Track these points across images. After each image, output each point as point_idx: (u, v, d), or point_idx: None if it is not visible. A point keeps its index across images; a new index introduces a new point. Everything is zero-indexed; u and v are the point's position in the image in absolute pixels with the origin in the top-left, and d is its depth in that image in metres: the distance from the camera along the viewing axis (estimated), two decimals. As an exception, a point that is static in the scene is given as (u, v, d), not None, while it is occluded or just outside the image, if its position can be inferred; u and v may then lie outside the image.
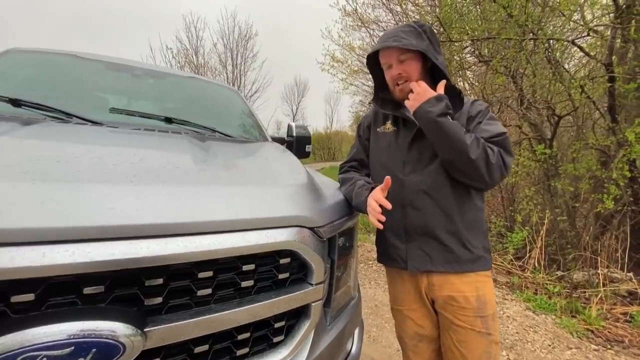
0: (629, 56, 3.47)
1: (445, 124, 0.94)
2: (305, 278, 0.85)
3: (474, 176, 0.96)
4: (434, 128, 0.95)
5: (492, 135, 0.97)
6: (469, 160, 0.92)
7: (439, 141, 0.97)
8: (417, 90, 0.98)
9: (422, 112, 0.96)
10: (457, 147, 0.93)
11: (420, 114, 0.97)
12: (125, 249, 0.58)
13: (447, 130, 0.93)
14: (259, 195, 0.82)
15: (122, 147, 0.94)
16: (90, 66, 1.84)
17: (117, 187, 0.65)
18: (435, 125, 0.94)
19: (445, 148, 0.96)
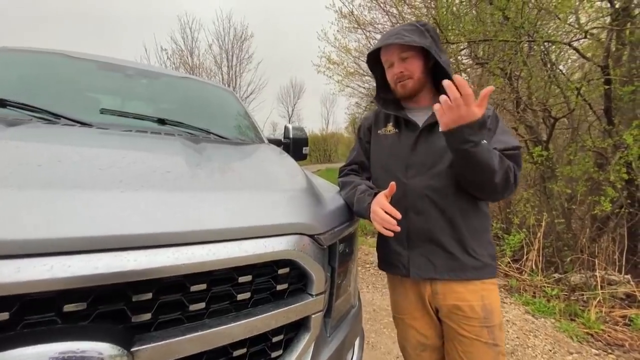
0: (624, 59, 3.49)
1: (481, 153, 0.83)
2: (304, 288, 0.80)
3: (488, 193, 0.94)
4: (468, 156, 0.84)
5: (508, 147, 0.93)
6: (491, 183, 0.88)
7: (467, 167, 0.87)
8: (457, 103, 0.78)
9: (459, 137, 0.82)
10: (485, 173, 0.86)
11: (456, 137, 0.83)
12: (110, 262, 0.53)
13: (480, 159, 0.84)
14: (256, 201, 0.77)
15: (110, 150, 0.88)
16: (81, 66, 1.78)
17: (102, 193, 0.60)
18: (470, 154, 0.84)
19: (473, 173, 0.88)
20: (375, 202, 0.93)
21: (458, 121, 0.80)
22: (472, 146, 0.82)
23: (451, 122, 0.81)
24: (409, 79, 1.02)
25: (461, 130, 0.81)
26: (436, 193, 0.97)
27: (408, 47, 0.99)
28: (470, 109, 0.78)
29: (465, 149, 0.83)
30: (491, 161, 0.85)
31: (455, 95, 0.76)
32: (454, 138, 0.83)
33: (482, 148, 0.83)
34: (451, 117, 0.80)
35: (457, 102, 0.77)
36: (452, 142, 0.85)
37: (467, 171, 0.89)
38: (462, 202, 0.98)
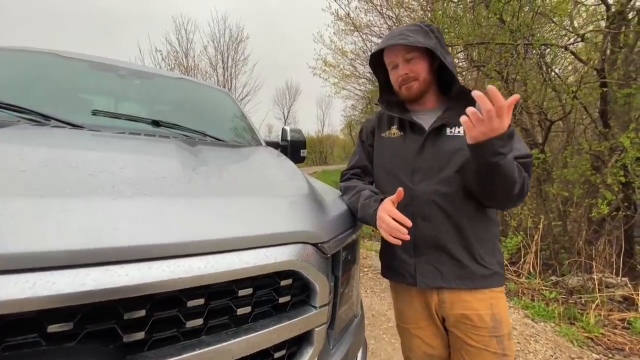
0: (618, 62, 3.52)
1: (508, 165, 0.80)
2: (308, 300, 0.76)
3: (501, 202, 0.92)
4: (496, 169, 0.80)
5: (522, 155, 0.90)
6: (510, 194, 0.85)
7: (492, 179, 0.83)
8: (489, 115, 0.72)
9: (489, 150, 0.77)
10: (507, 185, 0.83)
11: (486, 150, 0.77)
12: (100, 278, 0.48)
13: (507, 171, 0.80)
14: (256, 208, 0.73)
15: (101, 153, 0.84)
16: (73, 66, 1.73)
17: (91, 201, 0.55)
18: (499, 167, 0.79)
19: (495, 184, 0.84)
20: (382, 209, 0.89)
21: (488, 134, 0.75)
22: (502, 159, 0.78)
23: (481, 135, 0.76)
24: (414, 80, 0.99)
25: (491, 143, 0.76)
26: (444, 199, 0.94)
27: (412, 48, 0.96)
28: (503, 121, 0.73)
29: (495, 161, 0.78)
30: (514, 173, 0.82)
31: (488, 107, 0.71)
32: (484, 151, 0.78)
33: (508, 160, 0.80)
34: (482, 130, 0.75)
35: (489, 115, 0.72)
36: (481, 155, 0.80)
37: (490, 183, 0.85)
38: (471, 208, 0.95)
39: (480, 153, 0.79)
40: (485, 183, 0.86)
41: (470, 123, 0.76)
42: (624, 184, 3.14)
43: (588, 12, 3.94)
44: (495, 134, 0.74)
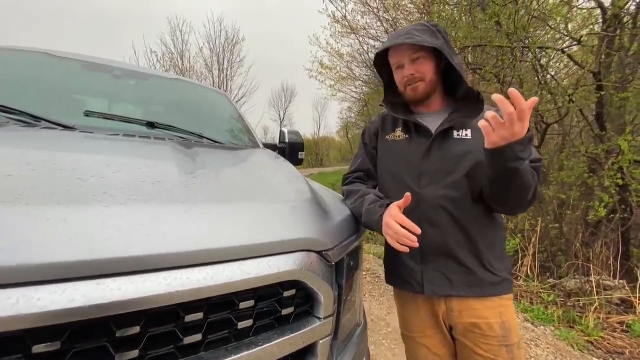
0: (613, 66, 3.54)
1: (526, 170, 0.78)
2: (312, 311, 0.72)
3: (512, 208, 0.91)
4: (515, 174, 0.78)
5: (533, 160, 0.87)
6: (524, 200, 0.84)
7: (509, 184, 0.81)
8: (511, 119, 0.69)
9: (510, 155, 0.74)
10: (523, 191, 0.81)
11: (507, 155, 0.74)
12: (89, 293, 0.44)
13: (525, 177, 0.79)
14: (258, 214, 0.69)
15: (93, 156, 0.79)
16: (65, 65, 1.68)
17: (80, 209, 0.51)
18: (518, 172, 0.77)
19: (511, 190, 0.82)
20: (389, 215, 0.85)
21: (509, 139, 0.72)
22: (521, 164, 0.76)
23: (501, 140, 0.73)
24: (420, 81, 0.96)
25: (512, 148, 0.73)
26: (452, 203, 0.91)
27: (419, 48, 0.93)
28: (524, 124, 0.70)
29: (515, 167, 0.76)
30: (530, 178, 0.80)
31: (510, 110, 0.68)
32: (504, 156, 0.75)
33: (526, 165, 0.77)
34: (503, 134, 0.72)
35: (511, 119, 0.69)
36: (500, 161, 0.77)
37: (506, 188, 0.82)
38: (479, 213, 0.92)
39: (500, 158, 0.76)
40: (501, 188, 0.83)
41: (490, 128, 0.73)
42: (621, 186, 3.15)
43: (583, 15, 3.98)
44: (516, 139, 0.72)
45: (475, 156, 0.92)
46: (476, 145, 0.92)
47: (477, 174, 0.91)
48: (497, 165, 0.78)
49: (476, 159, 0.91)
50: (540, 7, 3.99)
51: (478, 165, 0.91)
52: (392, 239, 0.83)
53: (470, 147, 0.93)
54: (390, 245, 0.85)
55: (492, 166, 0.80)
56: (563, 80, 4.50)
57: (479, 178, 0.91)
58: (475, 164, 0.91)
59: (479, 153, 0.92)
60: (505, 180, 0.80)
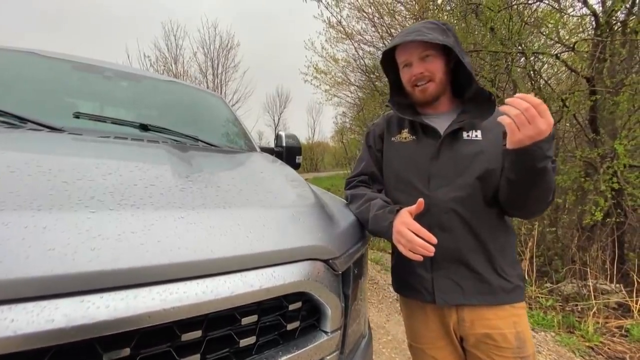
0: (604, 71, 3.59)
1: (551, 170, 0.76)
2: (318, 324, 0.67)
3: (530, 212, 0.89)
4: (542, 174, 0.75)
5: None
6: (546, 202, 0.82)
7: (535, 186, 0.78)
8: (531, 114, 0.67)
9: (538, 155, 0.71)
10: (546, 192, 0.79)
11: (534, 155, 0.72)
12: (72, 312, 0.39)
13: (549, 177, 0.76)
14: (260, 220, 0.64)
15: (81, 159, 0.74)
16: (54, 66, 1.62)
17: (63, 216, 0.46)
18: (545, 172, 0.74)
19: (535, 192, 0.79)
20: (400, 222, 0.81)
21: (535, 137, 0.69)
22: (548, 163, 0.73)
23: (527, 139, 0.70)
24: (429, 81, 0.92)
25: (540, 146, 0.70)
26: (463, 206, 0.87)
27: (429, 46, 0.90)
28: (547, 119, 0.67)
29: (543, 166, 0.73)
30: (553, 180, 0.77)
31: (524, 106, 0.66)
32: (532, 155, 0.72)
33: (551, 164, 0.75)
34: (528, 133, 0.69)
35: (531, 114, 0.66)
36: (528, 161, 0.73)
37: (529, 189, 0.79)
38: (492, 217, 0.88)
39: (527, 158, 0.73)
40: (524, 190, 0.79)
41: (514, 125, 0.69)
42: (616, 190, 3.16)
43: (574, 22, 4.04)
44: (543, 137, 0.68)
45: (487, 157, 0.88)
46: (487, 146, 0.89)
47: (489, 176, 0.88)
48: (523, 166, 0.75)
49: (487, 160, 0.88)
50: (533, 14, 4.04)
51: (490, 166, 0.88)
52: (404, 248, 0.78)
53: (481, 148, 0.89)
54: (402, 253, 0.80)
55: (517, 167, 0.76)
56: (556, 85, 4.56)
57: (490, 180, 0.88)
58: (487, 165, 0.88)
59: (490, 154, 0.89)
60: (529, 181, 0.76)
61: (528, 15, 3.97)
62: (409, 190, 0.93)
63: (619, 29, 3.47)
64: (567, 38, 3.94)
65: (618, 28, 3.51)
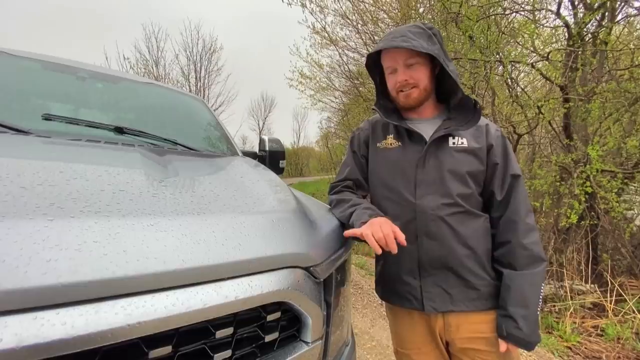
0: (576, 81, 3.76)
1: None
2: (298, 334, 0.65)
3: None
4: None
5: (513, 175, 0.91)
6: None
7: None
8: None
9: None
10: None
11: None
12: (24, 330, 0.35)
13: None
14: (237, 227, 0.62)
15: (45, 162, 0.69)
16: (23, 65, 1.54)
17: (18, 224, 0.42)
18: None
19: None
20: (384, 219, 0.80)
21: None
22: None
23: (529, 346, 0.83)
24: (413, 87, 0.92)
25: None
26: (450, 214, 0.87)
27: (415, 53, 0.89)
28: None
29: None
30: (542, 278, 0.85)
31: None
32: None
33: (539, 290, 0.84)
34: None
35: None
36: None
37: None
38: (479, 223, 0.89)
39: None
40: None
41: None
42: (589, 193, 3.29)
43: (548, 33, 4.22)
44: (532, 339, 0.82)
45: (473, 164, 0.89)
46: (473, 153, 0.90)
47: (475, 183, 0.89)
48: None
49: (473, 167, 0.88)
50: (510, 24, 4.20)
51: (475, 174, 0.89)
52: (371, 237, 0.75)
53: (466, 156, 0.89)
54: (369, 243, 0.76)
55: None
56: (533, 93, 4.73)
57: (476, 187, 0.89)
58: (473, 172, 0.88)
59: (475, 161, 0.89)
60: None
61: (505, 25, 4.12)
62: (395, 198, 0.92)
63: (590, 40, 3.65)
64: (542, 48, 4.11)
65: (589, 39, 3.69)
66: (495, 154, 0.91)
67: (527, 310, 0.80)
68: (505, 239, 0.87)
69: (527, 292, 0.82)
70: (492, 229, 0.91)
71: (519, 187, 0.89)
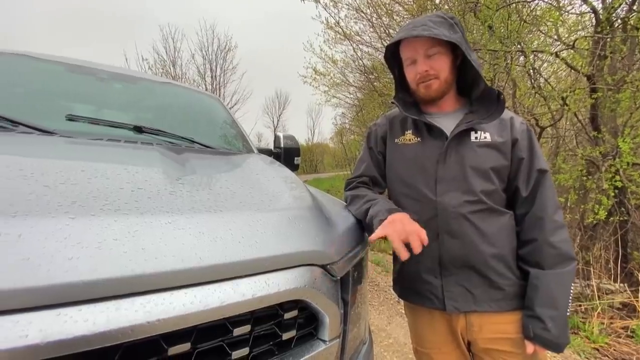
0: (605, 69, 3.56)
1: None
2: (315, 333, 0.64)
3: None
4: None
5: (539, 170, 0.87)
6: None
7: None
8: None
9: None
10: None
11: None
12: (48, 327, 0.36)
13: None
14: (254, 224, 0.61)
15: (67, 162, 0.71)
16: (47, 68, 1.60)
17: (41, 222, 0.43)
18: None
19: None
20: (404, 215, 0.78)
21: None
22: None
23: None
24: (434, 78, 0.88)
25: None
26: (473, 211, 0.84)
27: (435, 42, 0.85)
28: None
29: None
30: (572, 278, 0.82)
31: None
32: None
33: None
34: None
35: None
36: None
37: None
38: (503, 221, 0.86)
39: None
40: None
41: None
42: (619, 188, 3.13)
43: (574, 20, 4.02)
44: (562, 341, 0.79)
45: (496, 159, 0.85)
46: (496, 148, 0.86)
47: (498, 179, 0.85)
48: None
49: (497, 162, 0.85)
50: (532, 12, 4.02)
51: (499, 169, 0.85)
52: (395, 233, 0.73)
53: (490, 151, 0.86)
54: (392, 242, 0.73)
55: None
56: (557, 84, 4.53)
57: (500, 183, 0.86)
58: (496, 167, 0.85)
59: (499, 156, 0.86)
60: None
61: (527, 14, 3.95)
62: (414, 195, 0.90)
63: (620, 26, 3.45)
64: (567, 36, 3.92)
65: (618, 25, 3.49)
66: (520, 148, 0.87)
67: (556, 311, 0.77)
68: (531, 237, 0.83)
69: (556, 293, 0.78)
70: (517, 227, 0.87)
71: (545, 182, 0.85)
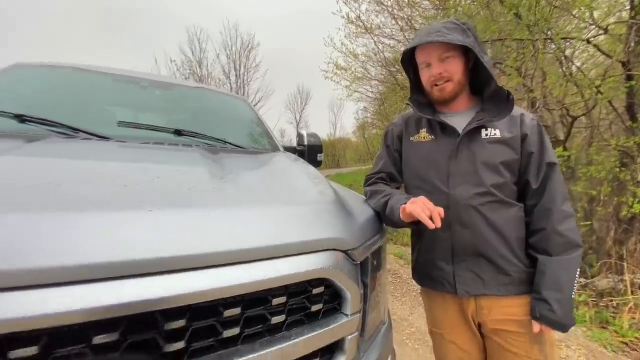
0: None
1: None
2: (339, 308, 0.75)
3: None
4: None
5: (549, 163, 0.92)
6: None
7: None
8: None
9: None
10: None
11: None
12: (139, 291, 0.49)
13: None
14: (286, 216, 0.73)
15: (132, 165, 0.86)
16: (96, 79, 1.79)
17: (123, 214, 0.56)
18: None
19: None
20: (416, 198, 0.87)
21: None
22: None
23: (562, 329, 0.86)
24: (448, 81, 0.95)
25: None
26: (483, 204, 0.91)
27: (449, 47, 0.92)
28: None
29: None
30: (578, 264, 0.87)
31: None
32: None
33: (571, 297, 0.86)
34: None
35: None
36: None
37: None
38: (512, 212, 0.92)
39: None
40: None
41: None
42: (656, 180, 2.99)
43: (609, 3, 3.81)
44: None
45: (506, 155, 0.92)
46: (506, 144, 0.92)
47: (508, 173, 0.92)
48: None
49: (507, 157, 0.91)
50: (562, -4, 3.85)
51: (508, 164, 0.91)
52: (419, 208, 0.82)
53: (500, 146, 0.92)
54: (417, 216, 0.82)
55: None
56: (590, 71, 4.32)
57: (509, 177, 0.92)
58: (506, 162, 0.91)
59: (508, 152, 0.92)
60: None
61: (559, -2, 3.78)
62: (428, 188, 0.98)
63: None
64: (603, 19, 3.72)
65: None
66: (530, 143, 0.93)
67: (561, 295, 0.83)
68: (540, 227, 0.89)
69: (562, 277, 0.84)
70: (528, 217, 0.94)
71: (554, 175, 0.91)
